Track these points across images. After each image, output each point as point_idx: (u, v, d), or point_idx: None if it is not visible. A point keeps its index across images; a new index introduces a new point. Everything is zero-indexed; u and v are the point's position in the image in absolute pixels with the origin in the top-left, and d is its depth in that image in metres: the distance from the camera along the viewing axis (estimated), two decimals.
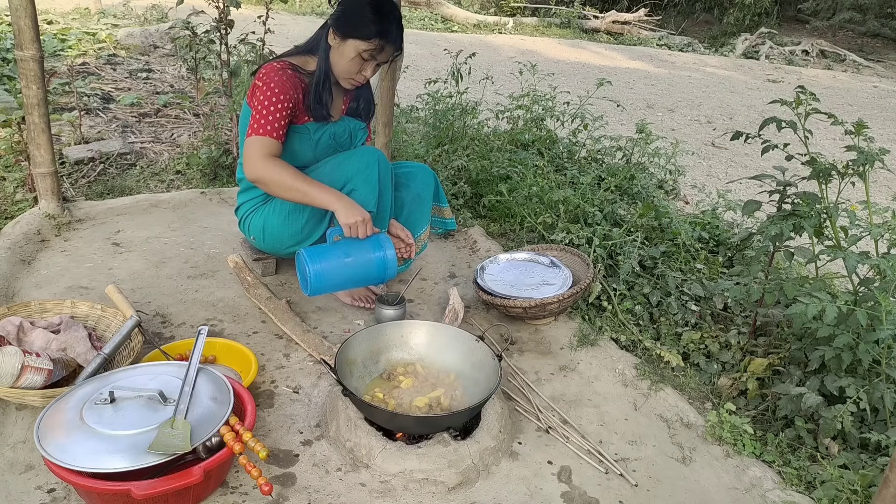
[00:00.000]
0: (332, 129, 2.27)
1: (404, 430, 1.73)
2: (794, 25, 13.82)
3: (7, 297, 2.19)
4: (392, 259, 2.06)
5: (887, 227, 2.06)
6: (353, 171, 2.14)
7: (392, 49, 2.10)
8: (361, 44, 2.05)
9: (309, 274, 2.01)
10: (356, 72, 2.12)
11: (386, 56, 2.11)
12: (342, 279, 2.08)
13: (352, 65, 2.10)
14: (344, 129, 2.31)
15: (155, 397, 1.51)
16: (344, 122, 2.32)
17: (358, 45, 2.05)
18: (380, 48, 2.06)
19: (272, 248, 2.38)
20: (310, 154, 2.25)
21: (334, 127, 2.28)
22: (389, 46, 2.08)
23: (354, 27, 2.05)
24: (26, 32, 2.38)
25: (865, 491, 1.65)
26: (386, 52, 2.09)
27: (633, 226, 2.90)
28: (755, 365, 2.12)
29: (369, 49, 2.06)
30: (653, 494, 1.71)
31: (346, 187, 2.14)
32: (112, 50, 5.98)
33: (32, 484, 1.52)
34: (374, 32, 2.03)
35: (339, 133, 2.30)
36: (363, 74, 2.14)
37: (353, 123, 2.34)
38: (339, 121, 2.30)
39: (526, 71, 4.05)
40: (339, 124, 2.30)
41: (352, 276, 2.08)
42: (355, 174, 2.14)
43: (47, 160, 2.60)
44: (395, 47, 2.10)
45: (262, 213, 2.30)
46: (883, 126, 6.97)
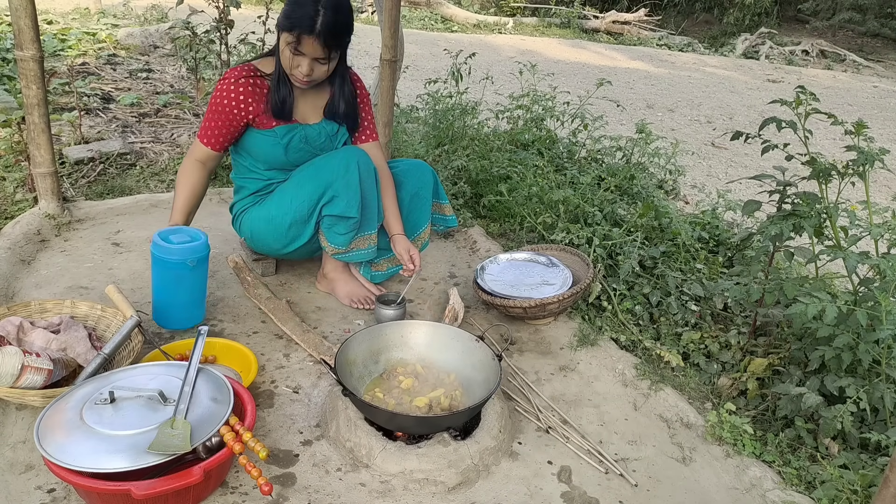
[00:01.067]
0: (305, 132, 2.22)
1: (404, 430, 1.73)
2: (794, 25, 13.83)
3: (7, 297, 2.19)
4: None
5: (887, 227, 2.06)
6: (332, 177, 2.10)
7: (313, 41, 1.94)
8: (286, 35, 1.99)
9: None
10: (292, 67, 2.04)
11: (310, 49, 1.97)
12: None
13: (285, 59, 2.04)
14: (320, 132, 2.25)
15: (155, 397, 1.51)
16: (322, 124, 2.26)
17: (284, 37, 2.00)
18: (297, 39, 1.96)
19: (262, 250, 2.38)
20: (282, 157, 2.22)
21: (307, 130, 2.23)
22: (309, 38, 1.94)
23: (283, 18, 1.99)
24: (26, 32, 2.38)
25: (865, 491, 1.65)
26: (306, 44, 1.96)
27: (633, 226, 2.90)
28: (755, 365, 2.12)
29: (291, 41, 1.98)
30: (653, 494, 1.71)
31: (325, 194, 2.11)
32: (112, 50, 5.98)
33: (32, 484, 1.52)
34: (294, 23, 1.95)
35: (314, 136, 2.24)
36: (299, 70, 2.03)
37: (331, 126, 2.27)
38: (316, 123, 2.25)
39: (526, 71, 4.05)
40: (314, 127, 2.24)
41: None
42: (335, 180, 2.09)
43: (47, 160, 2.60)
44: (317, 39, 1.94)
45: (249, 216, 2.30)
46: (883, 126, 6.97)
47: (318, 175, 2.13)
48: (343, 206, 2.11)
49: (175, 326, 2.08)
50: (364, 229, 2.23)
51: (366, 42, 7.95)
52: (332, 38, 1.98)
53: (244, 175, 2.32)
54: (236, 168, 2.35)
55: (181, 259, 1.97)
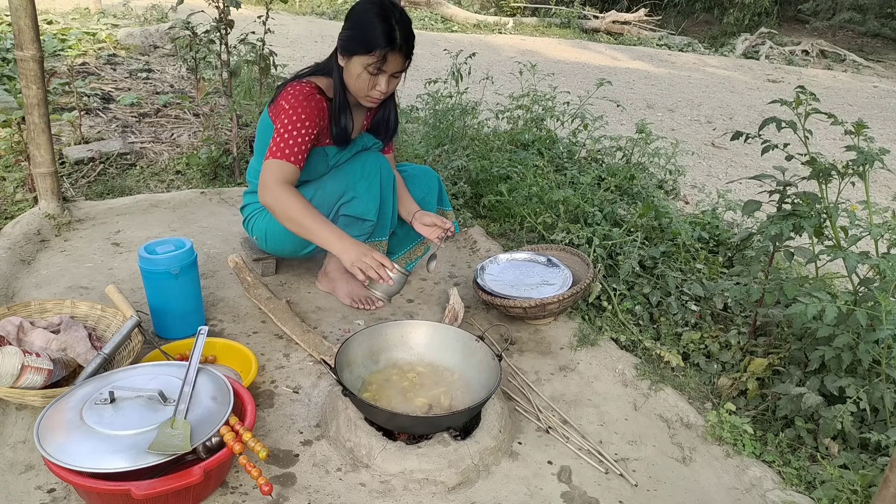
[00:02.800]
0: (350, 152, 2.24)
1: (404, 430, 1.73)
2: (794, 25, 13.82)
3: (7, 297, 2.19)
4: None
5: (887, 227, 2.06)
6: (354, 179, 2.13)
7: (397, 56, 2.00)
8: (365, 58, 1.99)
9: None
10: (370, 88, 2.05)
11: (394, 65, 2.01)
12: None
13: (361, 82, 2.03)
14: (361, 147, 2.28)
15: (155, 397, 1.51)
16: (360, 139, 2.28)
17: (362, 60, 1.99)
18: (382, 58, 1.98)
19: (274, 251, 2.38)
20: (323, 172, 2.23)
21: (352, 148, 2.25)
22: (393, 54, 1.98)
23: (356, 43, 1.99)
24: (26, 32, 2.38)
25: (865, 491, 1.65)
26: (391, 61, 1.99)
27: (633, 226, 2.90)
28: (755, 365, 2.12)
29: (373, 62, 1.98)
30: (653, 494, 1.71)
31: (346, 194, 2.13)
32: (112, 50, 5.99)
33: (32, 484, 1.52)
34: (373, 44, 1.96)
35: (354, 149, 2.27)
36: (378, 90, 2.05)
37: (368, 140, 2.29)
38: (356, 139, 2.27)
39: (526, 71, 4.05)
40: (355, 143, 2.26)
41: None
42: (357, 181, 2.12)
43: (47, 160, 2.60)
44: (400, 53, 2.00)
45: (265, 217, 2.29)
46: (883, 126, 6.97)
47: (340, 175, 2.15)
48: (362, 207, 2.12)
49: (175, 336, 2.07)
50: (377, 235, 2.25)
51: None
52: (409, 48, 2.03)
53: None
54: (256, 174, 2.29)
55: (165, 269, 1.98)
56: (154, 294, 2.04)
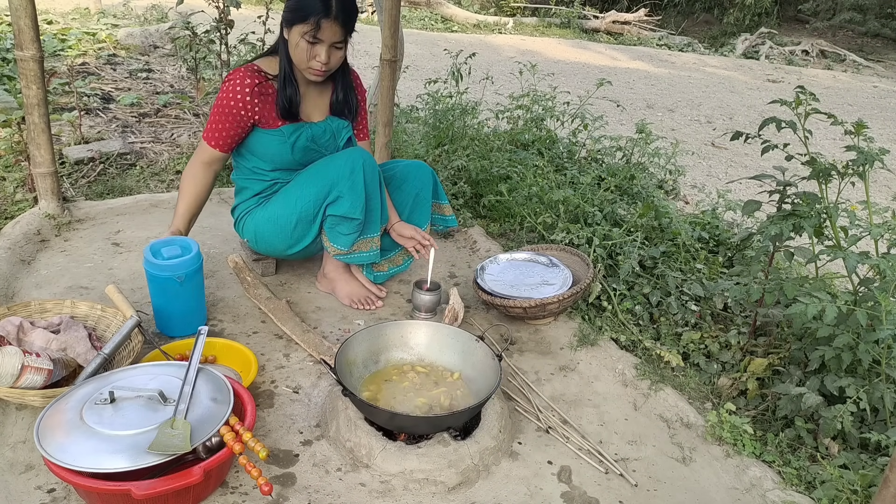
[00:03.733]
0: (311, 131, 2.23)
1: (404, 430, 1.73)
2: (794, 25, 13.82)
3: (7, 297, 2.19)
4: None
5: (887, 227, 2.06)
6: (337, 177, 2.11)
7: (332, 24, 1.99)
8: (301, 27, 2.01)
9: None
10: (310, 58, 2.06)
11: (330, 34, 2.01)
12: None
13: (301, 52, 2.05)
14: (325, 130, 2.26)
15: (155, 397, 1.51)
16: (326, 122, 2.27)
17: (299, 29, 2.02)
18: (317, 25, 1.98)
19: (266, 251, 2.38)
20: (288, 156, 2.23)
21: (313, 128, 2.24)
22: (328, 21, 1.98)
23: (293, 12, 2.02)
24: (26, 32, 2.38)
25: (865, 491, 1.65)
26: (326, 28, 1.99)
27: (633, 226, 2.90)
28: (755, 365, 2.12)
29: (308, 30, 2.00)
30: (653, 494, 1.71)
31: (330, 194, 2.12)
32: (112, 50, 5.98)
33: (32, 484, 1.52)
34: (308, 11, 1.98)
35: (319, 134, 2.25)
36: (318, 60, 2.05)
37: (335, 123, 2.29)
38: (321, 121, 2.26)
39: (526, 71, 4.05)
40: (319, 125, 2.25)
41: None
42: (339, 180, 2.10)
43: (47, 160, 2.60)
44: (336, 22, 1.99)
45: (253, 217, 2.29)
46: (883, 126, 6.97)
47: (324, 175, 2.14)
48: (347, 206, 2.11)
49: (177, 334, 2.08)
50: (367, 231, 2.24)
51: (366, 42, 7.95)
52: (347, 18, 2.03)
53: (247, 176, 2.31)
54: (239, 170, 2.34)
55: (171, 275, 1.98)
56: (157, 296, 2.04)
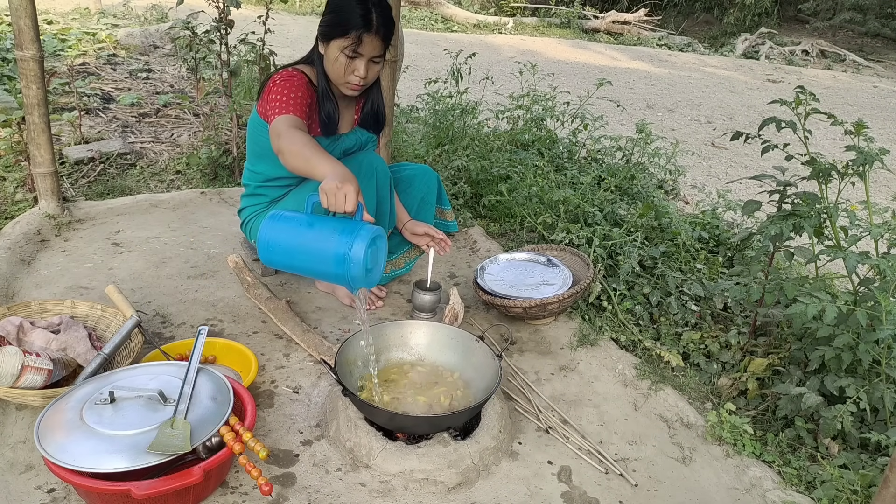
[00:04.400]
0: (343, 145, 2.24)
1: (404, 430, 1.73)
2: (794, 25, 13.82)
3: (7, 297, 2.19)
4: (358, 257, 1.57)
5: (887, 227, 2.06)
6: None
7: (373, 38, 1.99)
8: (341, 41, 2.00)
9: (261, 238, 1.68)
10: (348, 73, 2.05)
11: (370, 48, 2.01)
12: (294, 259, 1.66)
13: (339, 67, 2.04)
14: (354, 142, 2.28)
15: (155, 397, 1.51)
16: (355, 133, 2.28)
17: (339, 43, 2.00)
18: (358, 40, 1.97)
19: None
20: None
21: (345, 141, 2.25)
22: (368, 36, 1.98)
23: (332, 27, 2.01)
24: (26, 32, 2.38)
25: (865, 491, 1.65)
26: (367, 43, 1.99)
27: (633, 226, 2.90)
28: (755, 365, 2.12)
29: (349, 44, 1.99)
30: (653, 494, 1.71)
31: None
32: (112, 50, 5.98)
33: (32, 484, 1.52)
34: (349, 26, 1.97)
35: (350, 147, 2.27)
36: (356, 75, 2.05)
37: (364, 136, 2.31)
38: (349, 133, 2.27)
39: (526, 71, 4.05)
40: (349, 137, 2.26)
41: (306, 261, 1.65)
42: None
43: (47, 160, 2.60)
44: (377, 36, 1.99)
45: (263, 219, 2.29)
46: (883, 126, 6.97)
47: None
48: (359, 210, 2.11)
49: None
50: None
51: None
52: (387, 32, 2.03)
53: (262, 183, 2.29)
54: (252, 176, 2.31)
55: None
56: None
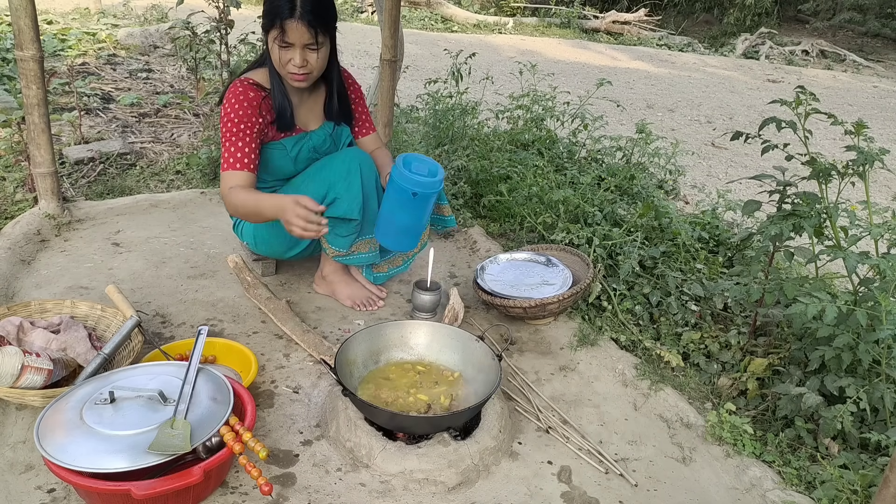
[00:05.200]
0: (312, 141, 2.22)
1: (404, 430, 1.73)
2: (794, 25, 13.82)
3: (7, 297, 2.19)
4: (402, 173, 1.96)
5: (887, 227, 2.06)
6: (334, 179, 2.10)
7: (297, 24, 1.93)
8: (273, 33, 1.98)
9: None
10: (285, 64, 2.02)
11: (298, 36, 1.95)
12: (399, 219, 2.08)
13: (275, 57, 2.02)
14: (324, 139, 2.26)
15: (155, 397, 1.51)
16: (323, 129, 2.26)
17: (272, 35, 1.99)
18: (281, 29, 1.94)
19: (267, 253, 2.38)
20: (290, 168, 2.22)
21: (313, 138, 2.23)
22: (292, 22, 1.92)
23: (265, 18, 2.00)
24: (26, 32, 2.38)
25: (865, 491, 1.65)
26: (292, 30, 1.94)
27: (633, 226, 2.90)
28: (755, 365, 2.12)
29: (277, 34, 1.97)
30: (653, 494, 1.71)
31: (328, 196, 2.11)
32: (112, 50, 5.99)
33: (32, 484, 1.52)
34: (275, 14, 1.95)
35: (319, 144, 2.25)
36: (293, 63, 2.00)
37: (331, 128, 2.28)
38: (317, 129, 2.25)
39: (526, 71, 4.05)
40: (318, 133, 2.24)
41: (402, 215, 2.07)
42: (337, 182, 2.10)
43: (47, 160, 2.60)
44: (301, 22, 1.93)
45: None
46: (883, 126, 6.97)
47: (320, 177, 2.13)
48: (345, 208, 2.11)
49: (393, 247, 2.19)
50: (366, 232, 2.24)
51: (366, 42, 7.95)
52: (314, 17, 1.96)
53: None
54: None
55: (409, 188, 1.98)
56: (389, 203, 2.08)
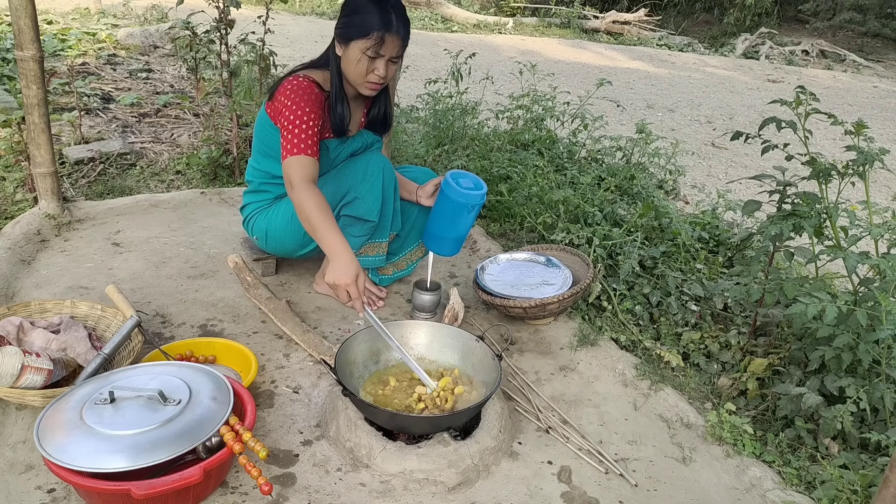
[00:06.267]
0: (351, 147, 2.26)
1: (404, 430, 1.73)
2: (794, 25, 13.82)
3: (7, 297, 2.19)
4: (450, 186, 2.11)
5: (887, 227, 2.06)
6: (357, 180, 2.14)
7: (395, 38, 2.01)
8: (362, 42, 2.00)
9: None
10: (369, 73, 2.05)
11: (392, 48, 2.02)
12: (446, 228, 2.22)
13: (360, 67, 2.04)
14: (361, 144, 2.30)
15: (155, 397, 1.51)
16: (361, 135, 2.29)
17: (360, 44, 2.01)
18: (380, 40, 1.99)
19: (275, 250, 2.38)
20: (326, 168, 2.23)
21: (353, 143, 2.26)
22: (391, 36, 2.00)
23: (352, 28, 2.02)
24: (26, 32, 2.38)
25: (865, 491, 1.65)
26: (389, 43, 2.01)
27: (633, 226, 2.90)
28: (755, 365, 2.12)
29: (371, 45, 2.00)
30: (653, 494, 1.71)
31: (348, 195, 2.15)
32: (112, 50, 5.98)
33: (32, 484, 1.52)
34: (370, 26, 1.98)
35: (357, 149, 2.29)
36: (377, 74, 2.05)
37: (369, 137, 2.32)
38: (356, 135, 2.28)
39: (526, 71, 4.05)
40: (356, 139, 2.27)
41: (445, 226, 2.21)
42: (359, 182, 2.14)
43: (47, 160, 2.60)
44: (398, 36, 2.01)
45: (266, 216, 2.29)
46: (883, 126, 6.97)
47: (343, 175, 2.16)
48: (364, 208, 2.15)
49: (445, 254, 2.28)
50: (377, 236, 2.28)
51: None
52: (407, 31, 2.06)
53: (267, 180, 2.30)
54: (256, 173, 2.31)
55: (464, 202, 2.12)
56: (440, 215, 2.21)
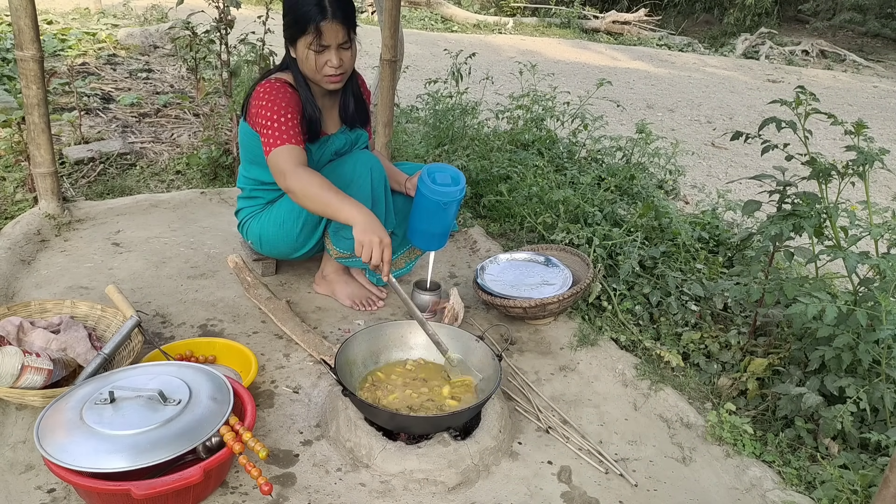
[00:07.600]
0: (333, 146, 2.24)
1: (404, 430, 1.73)
2: (794, 25, 13.82)
3: (7, 297, 2.19)
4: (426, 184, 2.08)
5: (887, 227, 2.06)
6: (344, 182, 2.09)
7: (333, 24, 1.96)
8: (304, 39, 1.99)
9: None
10: (321, 67, 2.03)
11: (333, 35, 1.98)
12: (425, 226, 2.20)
13: (311, 64, 2.03)
14: (344, 142, 2.28)
15: (155, 397, 1.51)
16: (343, 133, 2.27)
17: (303, 42, 2.00)
18: (319, 32, 1.96)
19: (271, 253, 2.38)
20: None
21: (334, 142, 2.24)
22: (328, 23, 1.96)
23: (293, 28, 2.01)
24: (26, 32, 2.38)
25: (865, 491, 1.65)
26: (328, 31, 1.97)
27: (633, 226, 2.90)
28: (755, 365, 2.12)
29: (312, 39, 1.98)
30: (653, 494, 1.71)
31: None
32: (112, 50, 5.98)
33: (32, 484, 1.52)
34: (306, 21, 1.96)
35: (340, 147, 2.27)
36: (330, 66, 2.02)
37: (352, 134, 2.30)
38: (337, 133, 2.26)
39: (526, 71, 4.05)
40: (339, 137, 2.26)
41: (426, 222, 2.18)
42: (347, 185, 2.09)
43: (47, 160, 2.60)
44: (335, 21, 1.96)
45: (258, 221, 2.29)
46: (883, 126, 6.97)
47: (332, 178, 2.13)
48: None
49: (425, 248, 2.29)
50: None
51: (366, 42, 7.94)
52: (345, 16, 2.01)
53: (256, 187, 2.30)
54: (246, 181, 2.31)
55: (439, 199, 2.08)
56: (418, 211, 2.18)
